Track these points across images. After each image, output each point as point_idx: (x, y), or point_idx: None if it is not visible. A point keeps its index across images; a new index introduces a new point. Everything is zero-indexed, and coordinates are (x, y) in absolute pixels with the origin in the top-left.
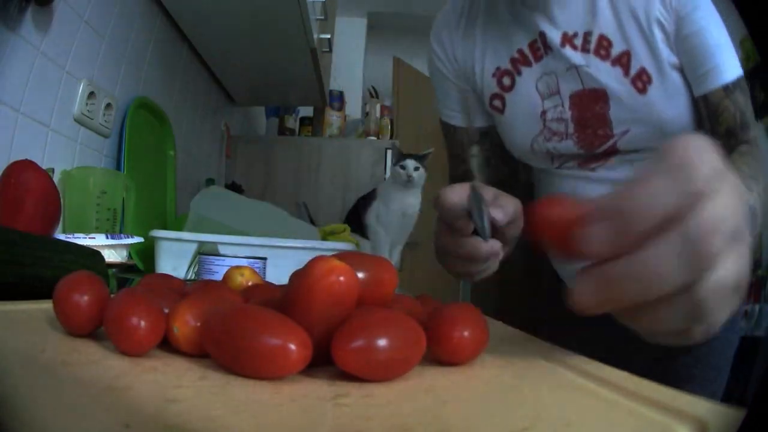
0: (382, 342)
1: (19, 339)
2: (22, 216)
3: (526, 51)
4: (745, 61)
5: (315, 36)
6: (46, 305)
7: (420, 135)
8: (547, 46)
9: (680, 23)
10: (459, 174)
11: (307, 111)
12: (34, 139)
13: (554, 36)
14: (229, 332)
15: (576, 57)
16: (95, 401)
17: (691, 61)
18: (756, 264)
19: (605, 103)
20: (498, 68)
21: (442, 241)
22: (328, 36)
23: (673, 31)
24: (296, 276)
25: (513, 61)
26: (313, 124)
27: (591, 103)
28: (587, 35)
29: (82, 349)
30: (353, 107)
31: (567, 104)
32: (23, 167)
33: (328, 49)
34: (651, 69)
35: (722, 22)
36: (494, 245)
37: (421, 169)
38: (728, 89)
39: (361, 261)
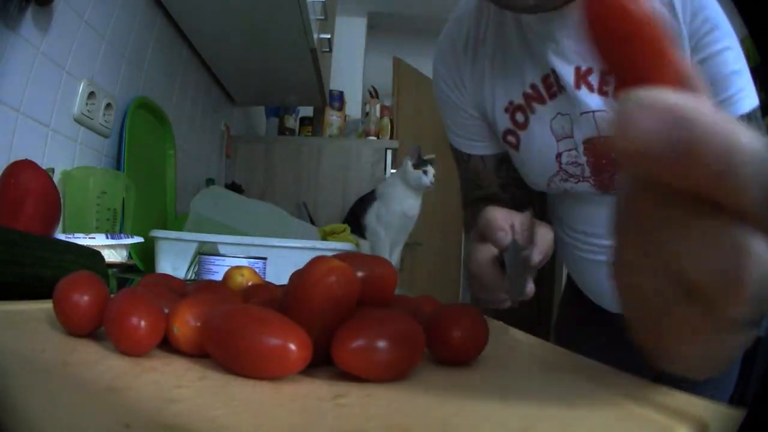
0: (382, 342)
1: (19, 339)
2: (22, 216)
3: (540, 86)
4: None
5: (315, 36)
6: (46, 305)
7: (420, 135)
8: (560, 86)
9: (696, 47)
10: (474, 198)
11: (307, 111)
12: (34, 139)
13: (566, 73)
14: (228, 332)
15: (592, 101)
16: (95, 401)
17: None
18: None
19: None
20: (510, 102)
21: (473, 265)
22: (328, 36)
23: (690, 59)
24: (296, 276)
25: (526, 96)
26: (313, 124)
27: (608, 149)
28: (605, 74)
29: (82, 349)
30: (353, 107)
31: (581, 149)
32: (23, 167)
33: (328, 49)
34: None
35: (737, 39)
36: (520, 297)
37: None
38: (743, 121)
39: (361, 261)
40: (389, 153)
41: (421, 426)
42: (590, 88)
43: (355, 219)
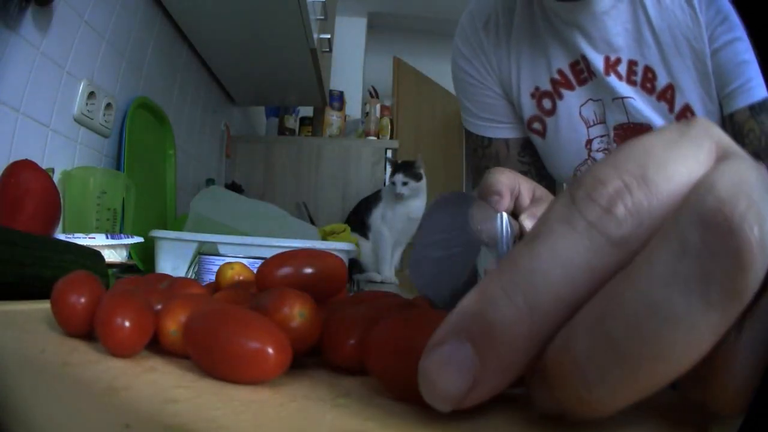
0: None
1: (19, 339)
2: (22, 216)
3: (568, 72)
4: None
5: (315, 36)
6: (46, 305)
7: (420, 135)
8: (591, 71)
9: (712, 37)
10: None
11: (307, 111)
12: (34, 139)
13: (596, 60)
14: (206, 335)
15: (622, 88)
16: (95, 401)
17: (720, 78)
18: None
19: None
20: (537, 88)
21: None
22: (328, 36)
23: (706, 50)
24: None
25: (554, 82)
26: (313, 124)
27: (636, 138)
28: (632, 64)
29: (81, 349)
30: (353, 107)
31: (612, 135)
32: (23, 167)
33: (328, 49)
34: (695, 104)
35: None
36: None
37: (411, 182)
38: (755, 110)
39: (309, 257)
40: (389, 153)
41: (421, 426)
42: (619, 77)
43: (358, 218)
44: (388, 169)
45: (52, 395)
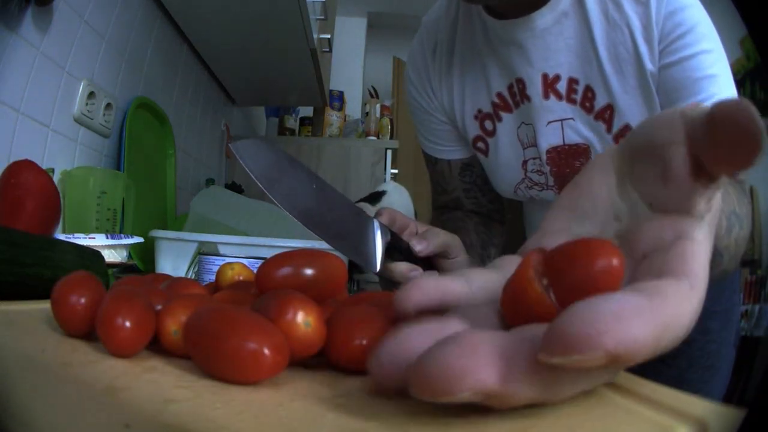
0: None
1: (19, 339)
2: (22, 216)
3: (506, 95)
4: (745, 61)
5: (315, 36)
6: (46, 305)
7: None
8: (524, 95)
9: (666, 51)
10: (441, 203)
11: (307, 111)
12: (34, 139)
13: (534, 80)
14: (205, 334)
15: (559, 108)
16: (95, 401)
17: (671, 94)
18: (756, 264)
19: (587, 159)
20: (479, 111)
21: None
22: (328, 36)
23: (655, 70)
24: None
25: (494, 105)
26: (313, 124)
27: (570, 159)
28: (573, 82)
29: (82, 349)
30: (353, 107)
31: (544, 158)
32: (23, 167)
33: (328, 49)
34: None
35: (720, 43)
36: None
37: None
38: None
39: (309, 257)
40: (389, 153)
41: (420, 426)
42: (558, 96)
43: None
44: (389, 170)
45: (52, 395)
